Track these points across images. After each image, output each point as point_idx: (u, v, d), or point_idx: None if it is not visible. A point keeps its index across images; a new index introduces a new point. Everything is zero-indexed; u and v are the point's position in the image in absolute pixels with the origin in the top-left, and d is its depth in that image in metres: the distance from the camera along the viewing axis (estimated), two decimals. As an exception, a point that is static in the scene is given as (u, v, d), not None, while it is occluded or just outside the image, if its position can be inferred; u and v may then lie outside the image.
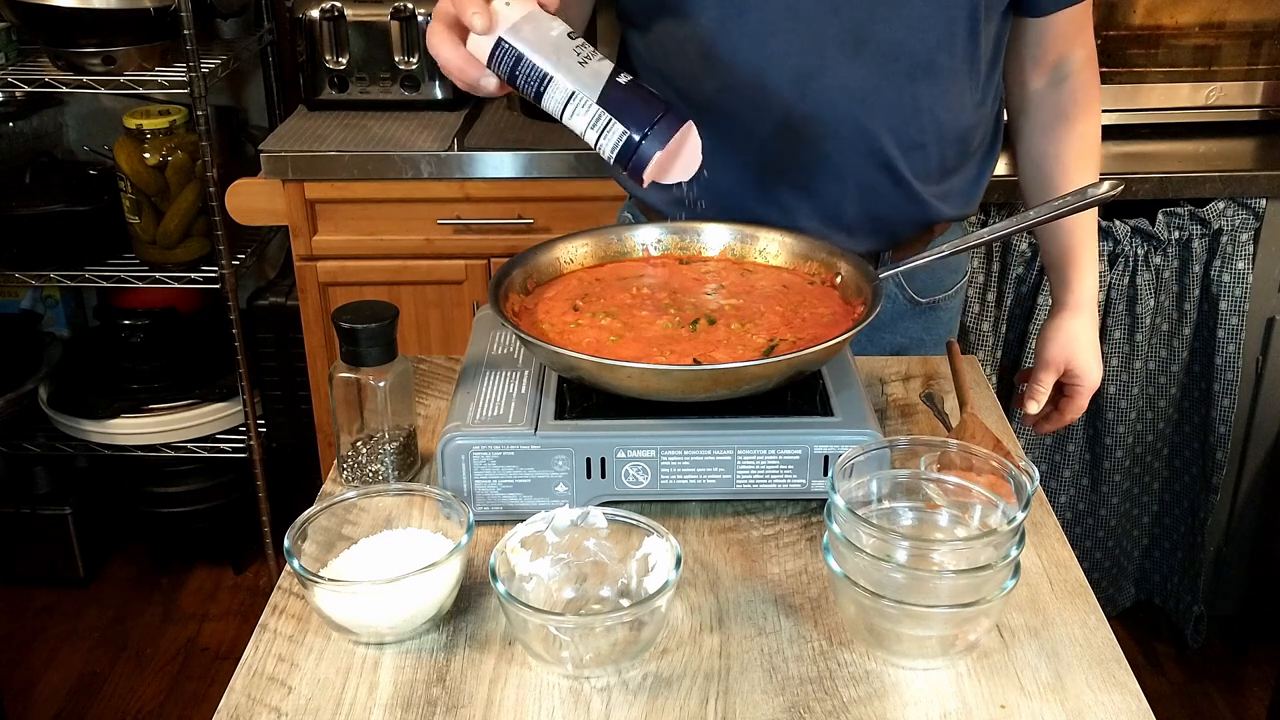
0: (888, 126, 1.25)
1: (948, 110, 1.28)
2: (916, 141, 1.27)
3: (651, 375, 0.98)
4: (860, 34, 1.20)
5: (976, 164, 1.37)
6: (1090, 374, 1.37)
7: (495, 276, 1.11)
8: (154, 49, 2.19)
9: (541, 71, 0.95)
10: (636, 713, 0.83)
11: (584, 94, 0.95)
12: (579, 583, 0.92)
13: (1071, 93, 1.35)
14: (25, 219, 2.29)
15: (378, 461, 1.07)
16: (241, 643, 0.91)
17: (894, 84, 1.23)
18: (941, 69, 1.24)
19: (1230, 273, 2.06)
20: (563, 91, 0.95)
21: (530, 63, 0.95)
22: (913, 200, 1.31)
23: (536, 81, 0.95)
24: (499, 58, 0.96)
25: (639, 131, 0.94)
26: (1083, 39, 1.35)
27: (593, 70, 0.95)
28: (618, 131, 0.95)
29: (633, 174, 0.97)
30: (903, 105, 1.25)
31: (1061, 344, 1.37)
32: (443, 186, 2.13)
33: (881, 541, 0.85)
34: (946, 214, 1.36)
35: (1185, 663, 2.38)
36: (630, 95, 0.95)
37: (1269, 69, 2.19)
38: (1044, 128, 1.36)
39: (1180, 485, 2.29)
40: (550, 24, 0.96)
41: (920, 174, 1.30)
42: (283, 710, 0.84)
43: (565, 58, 0.95)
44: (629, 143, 0.95)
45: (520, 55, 0.95)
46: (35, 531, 2.55)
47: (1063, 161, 1.36)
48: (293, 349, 2.37)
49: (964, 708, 0.84)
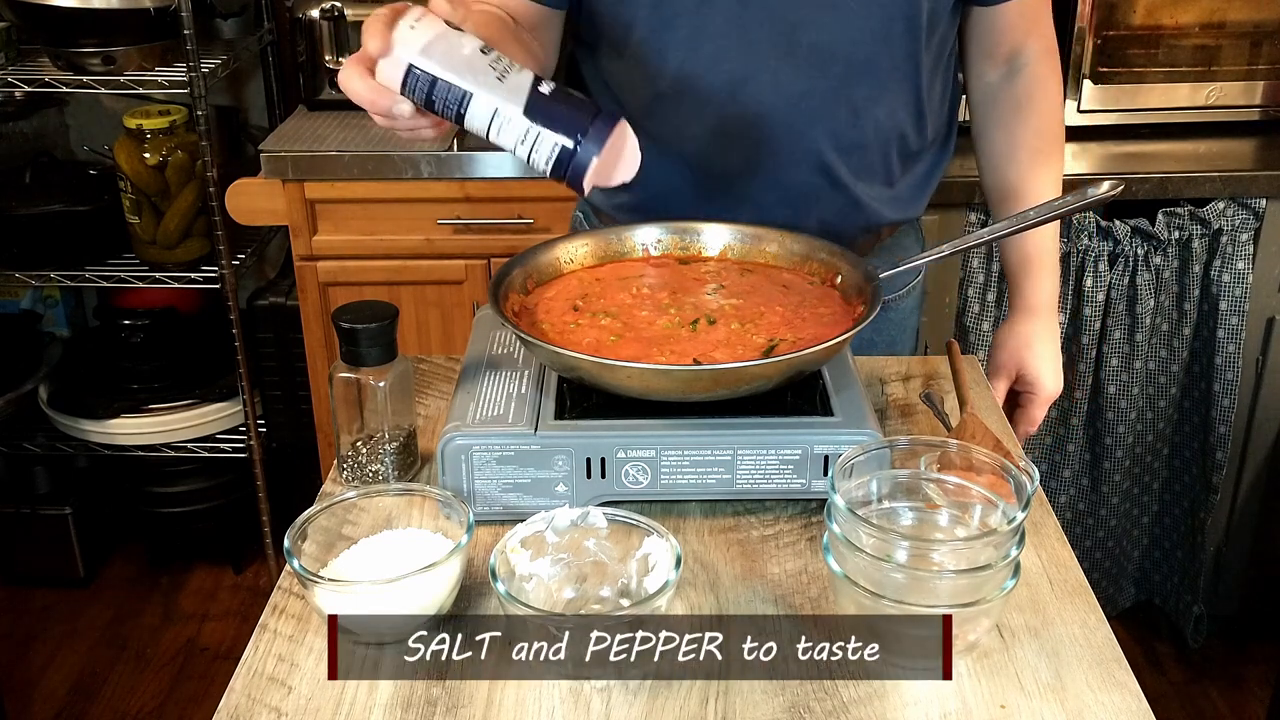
0: (824, 129, 1.23)
1: (888, 111, 1.25)
2: (855, 143, 1.25)
3: (651, 375, 0.98)
4: (792, 37, 1.19)
5: (926, 164, 1.35)
6: (1045, 382, 1.33)
7: (495, 276, 1.11)
8: (154, 49, 2.19)
9: (460, 91, 0.91)
10: (636, 713, 0.83)
11: (508, 108, 0.91)
12: (579, 583, 0.92)
13: (1027, 85, 1.32)
14: (25, 219, 2.29)
15: (378, 461, 1.07)
16: (241, 643, 0.91)
17: (829, 87, 1.21)
18: (879, 70, 1.22)
19: (1230, 273, 2.06)
20: (485, 109, 0.91)
21: (446, 84, 0.91)
22: (853, 204, 1.29)
23: (456, 103, 0.91)
24: (412, 83, 0.91)
25: (571, 138, 0.91)
26: (1038, 30, 1.32)
27: (513, 84, 0.91)
28: (550, 142, 0.91)
29: (572, 182, 0.93)
30: (839, 108, 1.23)
31: (1012, 350, 1.34)
32: (443, 186, 2.13)
33: (881, 541, 0.85)
34: (890, 218, 1.33)
35: (1185, 663, 2.38)
36: (556, 103, 0.92)
37: (1269, 69, 2.19)
38: (1000, 121, 1.34)
39: (1180, 485, 2.29)
40: (461, 41, 0.92)
41: (862, 176, 1.28)
42: (283, 710, 0.84)
43: (482, 74, 0.91)
44: (563, 152, 0.91)
45: (434, 78, 0.91)
46: (35, 531, 2.55)
47: (1017, 157, 1.33)
48: (293, 349, 2.37)
49: (964, 708, 0.84)
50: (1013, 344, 1.35)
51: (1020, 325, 1.35)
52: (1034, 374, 1.34)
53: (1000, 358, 1.36)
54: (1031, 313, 1.35)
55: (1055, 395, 1.35)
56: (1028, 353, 1.34)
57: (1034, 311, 1.35)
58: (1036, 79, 1.32)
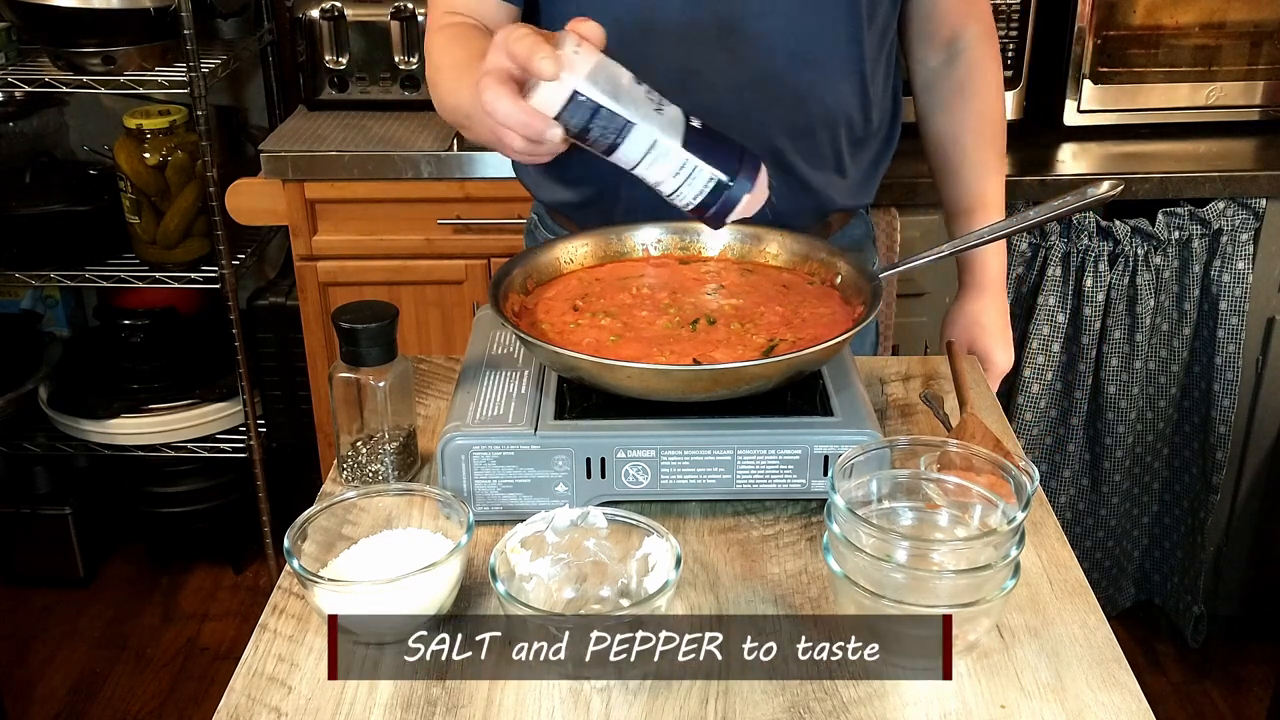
0: (774, 117, 1.25)
1: (834, 96, 1.27)
2: (805, 128, 1.27)
3: (651, 375, 0.98)
4: (736, 27, 1.20)
5: (874, 151, 1.36)
6: (996, 358, 1.36)
7: (495, 276, 1.11)
8: (154, 49, 2.19)
9: (621, 121, 0.89)
10: (636, 713, 0.83)
11: (666, 141, 0.91)
12: (579, 583, 0.92)
13: (967, 69, 1.35)
14: (25, 219, 2.30)
15: (378, 461, 1.07)
16: (241, 643, 0.91)
17: (775, 74, 1.23)
18: (822, 57, 1.24)
19: (1230, 273, 2.06)
20: (644, 140, 0.90)
21: (609, 112, 0.89)
22: (805, 190, 1.30)
23: (615, 133, 0.90)
24: (572, 109, 0.88)
25: (727, 173, 0.93)
26: (976, 14, 1.35)
27: (670, 116, 0.91)
28: (705, 176, 0.93)
29: (718, 215, 0.95)
30: (785, 94, 1.24)
31: (963, 327, 1.37)
32: (443, 186, 2.13)
33: (881, 541, 0.85)
34: (840, 203, 1.35)
35: (1185, 663, 2.38)
36: (710, 139, 0.93)
37: (1269, 69, 2.19)
38: (942, 105, 1.37)
39: (1180, 485, 2.29)
40: (620, 71, 0.91)
41: (812, 162, 1.29)
42: (283, 710, 0.84)
43: (642, 105, 0.90)
44: (718, 186, 0.93)
45: (598, 105, 0.88)
46: (35, 531, 2.55)
47: (960, 140, 1.37)
48: (293, 349, 2.37)
49: (964, 708, 0.84)
50: (963, 321, 1.38)
51: (970, 303, 1.38)
52: (985, 350, 1.37)
53: (950, 335, 1.38)
54: (980, 290, 1.38)
55: (1006, 370, 1.37)
56: (978, 330, 1.37)
57: (983, 289, 1.38)
58: (976, 62, 1.35)
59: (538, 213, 1.45)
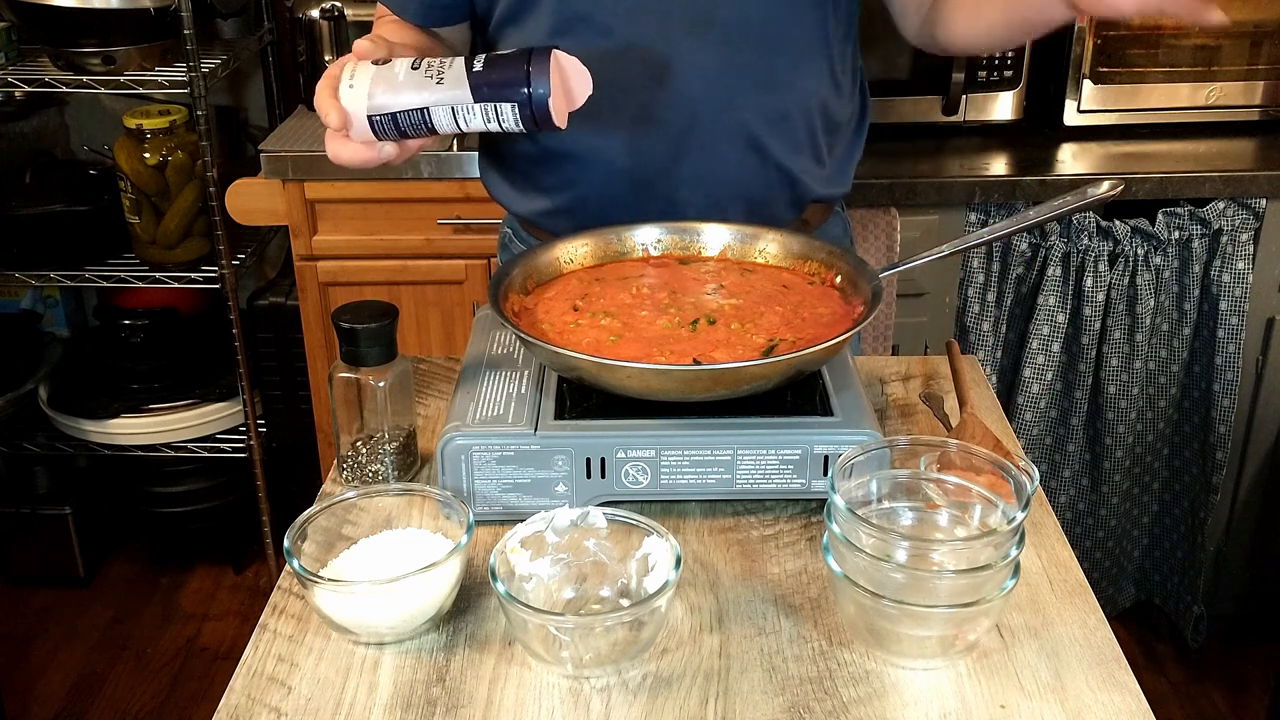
0: (749, 103, 1.25)
1: (807, 81, 1.28)
2: (781, 114, 1.27)
3: (651, 375, 0.98)
4: (707, 16, 1.21)
5: (846, 141, 1.37)
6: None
7: (495, 276, 1.11)
8: (154, 49, 2.19)
9: (418, 110, 0.98)
10: (636, 713, 0.83)
11: (460, 102, 0.98)
12: (579, 583, 0.92)
13: None
14: (25, 219, 2.29)
15: (378, 461, 1.07)
16: (241, 643, 0.91)
17: (748, 60, 1.24)
18: (794, 42, 1.25)
19: (1230, 273, 2.06)
20: (445, 113, 0.98)
21: (403, 113, 0.98)
22: (784, 178, 1.30)
23: (421, 122, 0.99)
24: (380, 128, 0.99)
25: (522, 94, 0.97)
26: None
27: (451, 78, 0.98)
28: (508, 107, 0.98)
29: (544, 127, 0.99)
30: (760, 80, 1.25)
31: None
32: (443, 186, 2.13)
33: (881, 541, 0.85)
34: (819, 192, 1.35)
35: (1185, 663, 2.38)
36: (493, 71, 0.98)
37: (1269, 69, 2.19)
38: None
39: (1180, 485, 2.29)
40: (394, 69, 0.99)
41: (789, 149, 1.29)
42: (283, 710, 0.84)
43: (424, 87, 0.98)
44: (523, 107, 0.98)
45: (392, 114, 0.98)
46: (35, 531, 2.55)
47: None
48: (293, 349, 2.37)
49: (964, 708, 0.84)
50: None
51: None
52: None
53: None
54: None
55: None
56: None
57: None
58: None
59: (511, 227, 1.45)
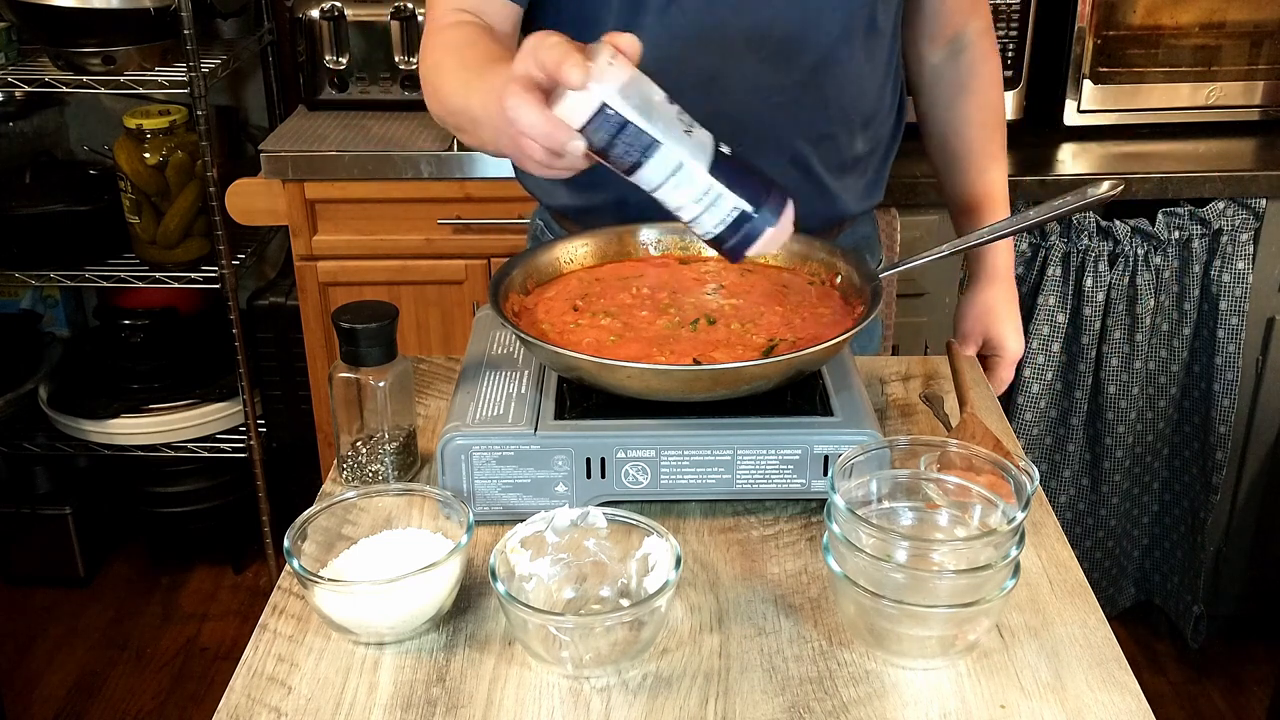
0: (796, 120, 1.25)
1: (853, 99, 1.28)
2: (826, 133, 1.28)
3: (651, 375, 0.98)
4: (762, 31, 1.21)
5: (881, 153, 1.38)
6: (1008, 344, 1.39)
7: (495, 276, 1.11)
8: (154, 49, 2.19)
9: (648, 139, 0.85)
10: (636, 713, 0.83)
11: (692, 164, 0.87)
12: (579, 583, 0.92)
13: (970, 64, 1.37)
14: (25, 219, 2.29)
15: (378, 461, 1.07)
16: (241, 643, 0.91)
17: (799, 78, 1.23)
18: (844, 59, 1.25)
19: (1230, 273, 2.06)
20: (668, 161, 0.86)
21: (636, 129, 0.85)
22: (822, 194, 1.31)
23: (640, 150, 0.86)
24: (598, 122, 0.84)
25: (752, 204, 0.89)
26: (979, 9, 1.38)
27: (699, 139, 0.88)
28: (729, 204, 0.89)
29: (738, 248, 0.91)
30: (809, 98, 1.25)
31: (976, 316, 1.40)
32: (443, 186, 2.13)
33: (881, 541, 0.85)
34: (853, 209, 1.36)
35: (1185, 663, 2.38)
36: (737, 167, 0.89)
37: (1269, 69, 2.19)
38: (945, 101, 1.39)
39: (1180, 485, 2.29)
40: (652, 89, 0.87)
41: (831, 166, 1.30)
42: (283, 710, 0.84)
43: (672, 125, 0.86)
44: (740, 216, 0.89)
45: (625, 121, 0.84)
46: (35, 531, 2.55)
47: (964, 134, 1.39)
48: (293, 349, 2.37)
49: (964, 708, 0.84)
50: (977, 311, 1.41)
51: (982, 293, 1.41)
52: (999, 338, 1.40)
53: (966, 326, 1.41)
54: (992, 279, 1.41)
55: (1019, 355, 1.41)
56: (992, 318, 1.40)
57: (994, 278, 1.41)
58: (979, 56, 1.38)
59: (543, 218, 1.44)
